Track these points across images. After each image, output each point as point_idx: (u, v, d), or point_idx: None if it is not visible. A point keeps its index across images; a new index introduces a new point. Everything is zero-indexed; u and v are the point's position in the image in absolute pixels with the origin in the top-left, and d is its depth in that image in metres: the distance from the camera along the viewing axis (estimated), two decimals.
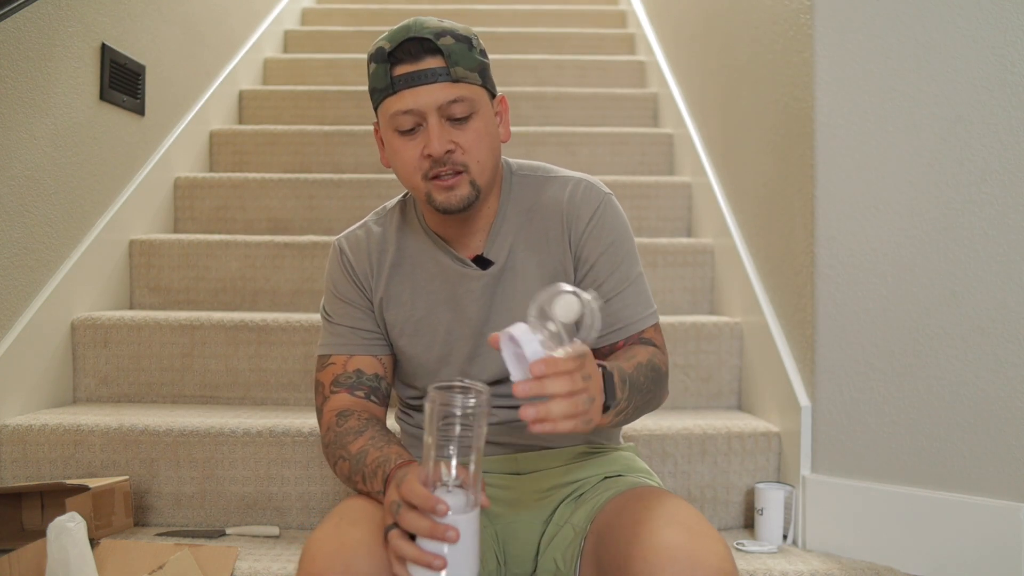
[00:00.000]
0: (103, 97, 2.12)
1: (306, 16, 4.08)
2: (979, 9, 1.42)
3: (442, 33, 1.11)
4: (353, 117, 3.05)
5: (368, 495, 1.10)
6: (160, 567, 1.34)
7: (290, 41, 3.74)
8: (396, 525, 0.94)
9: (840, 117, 1.55)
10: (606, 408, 0.99)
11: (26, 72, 1.82)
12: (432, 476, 0.92)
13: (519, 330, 0.90)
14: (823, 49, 1.57)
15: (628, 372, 1.07)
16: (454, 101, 1.10)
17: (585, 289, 1.08)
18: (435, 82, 1.09)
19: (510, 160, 1.28)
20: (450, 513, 0.90)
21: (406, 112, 1.10)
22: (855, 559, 1.50)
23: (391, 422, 1.57)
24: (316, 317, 1.94)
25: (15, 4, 1.69)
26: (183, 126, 2.61)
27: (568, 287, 0.90)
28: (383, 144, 1.19)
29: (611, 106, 3.10)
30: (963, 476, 1.43)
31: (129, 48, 2.25)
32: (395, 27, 1.13)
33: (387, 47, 1.11)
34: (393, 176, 2.52)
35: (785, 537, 1.59)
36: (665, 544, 0.95)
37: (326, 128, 2.84)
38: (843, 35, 1.55)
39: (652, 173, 2.80)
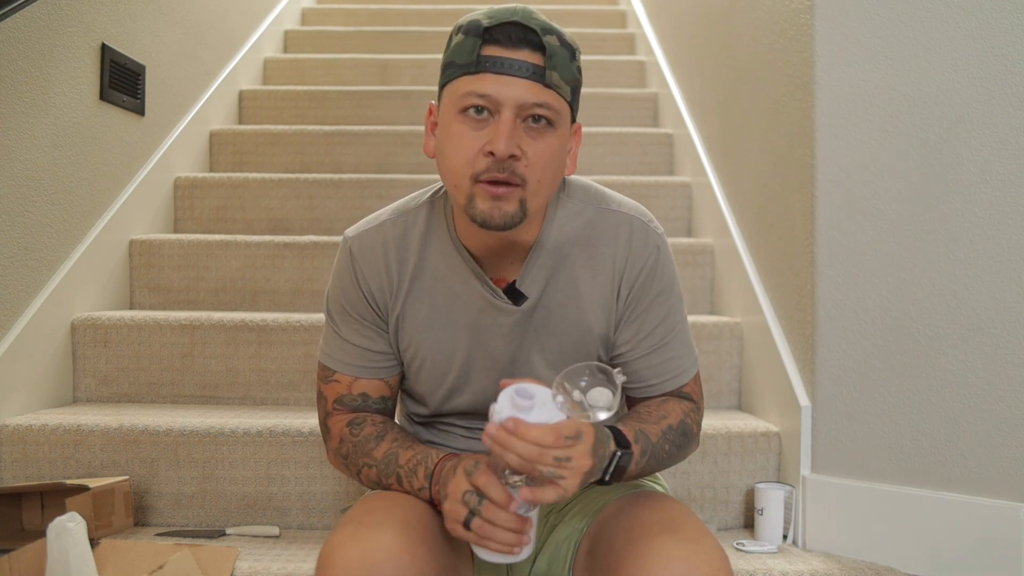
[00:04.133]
0: (103, 97, 2.12)
1: (306, 16, 4.08)
2: (979, 9, 1.42)
3: (549, 30, 0.99)
4: (353, 117, 3.05)
5: (406, 493, 1.08)
6: (160, 567, 1.34)
7: (290, 41, 3.74)
8: (473, 515, 0.96)
9: (840, 117, 1.55)
10: (610, 478, 1.00)
11: (26, 72, 1.82)
12: (499, 470, 0.96)
13: (540, 393, 0.93)
14: (823, 49, 1.57)
15: (652, 441, 1.06)
16: (538, 105, 0.98)
17: (624, 337, 1.12)
18: (526, 77, 0.97)
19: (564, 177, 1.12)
20: (524, 507, 0.96)
21: (482, 96, 0.97)
22: (855, 559, 1.50)
23: None
24: (316, 317, 1.94)
25: (15, 4, 1.69)
26: (183, 126, 2.61)
27: (606, 374, 0.93)
28: (434, 130, 1.07)
29: (611, 106, 3.10)
30: (963, 476, 1.43)
31: (129, 48, 2.25)
32: (498, 7, 1.01)
33: (484, 22, 0.98)
34: (393, 176, 2.53)
35: (785, 537, 1.59)
36: (659, 550, 0.94)
37: (326, 128, 2.84)
38: (843, 35, 1.55)
39: (652, 173, 2.80)
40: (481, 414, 1.11)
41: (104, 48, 2.12)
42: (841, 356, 1.55)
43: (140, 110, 2.32)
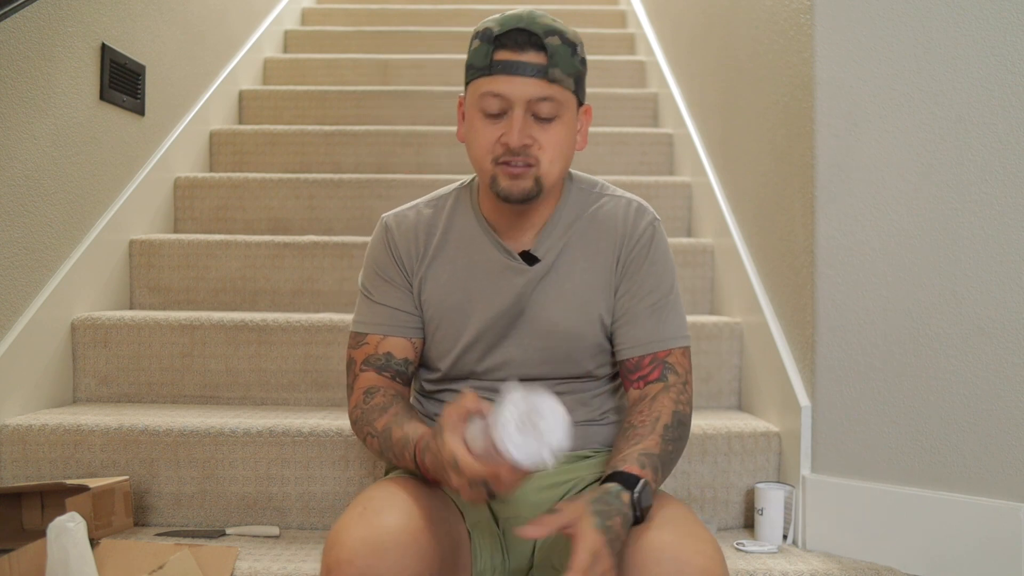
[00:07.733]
0: (103, 97, 2.12)
1: (306, 16, 4.08)
2: (979, 9, 1.42)
3: (551, 32, 1.14)
4: (353, 117, 3.05)
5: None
6: (160, 567, 1.34)
7: (290, 41, 3.74)
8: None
9: (840, 117, 1.55)
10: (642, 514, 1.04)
11: (26, 72, 1.82)
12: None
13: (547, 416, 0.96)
14: (823, 49, 1.57)
15: (657, 453, 1.11)
16: (543, 99, 1.13)
17: (621, 302, 1.24)
18: (531, 76, 1.13)
19: (573, 171, 1.31)
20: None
21: (496, 95, 1.14)
22: (855, 559, 1.50)
23: None
24: (316, 317, 1.94)
25: (15, 4, 1.69)
26: (183, 126, 2.61)
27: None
28: (463, 118, 1.22)
29: (611, 106, 3.10)
30: (963, 476, 1.43)
31: (129, 48, 2.25)
32: (508, 12, 1.16)
33: (495, 29, 1.14)
34: (393, 176, 2.53)
35: (785, 537, 1.59)
36: (652, 544, 0.96)
37: (326, 128, 2.84)
38: (843, 35, 1.55)
39: (652, 173, 2.80)
40: (489, 374, 1.25)
41: (104, 48, 2.12)
42: (841, 356, 1.55)
43: (140, 110, 2.32)
